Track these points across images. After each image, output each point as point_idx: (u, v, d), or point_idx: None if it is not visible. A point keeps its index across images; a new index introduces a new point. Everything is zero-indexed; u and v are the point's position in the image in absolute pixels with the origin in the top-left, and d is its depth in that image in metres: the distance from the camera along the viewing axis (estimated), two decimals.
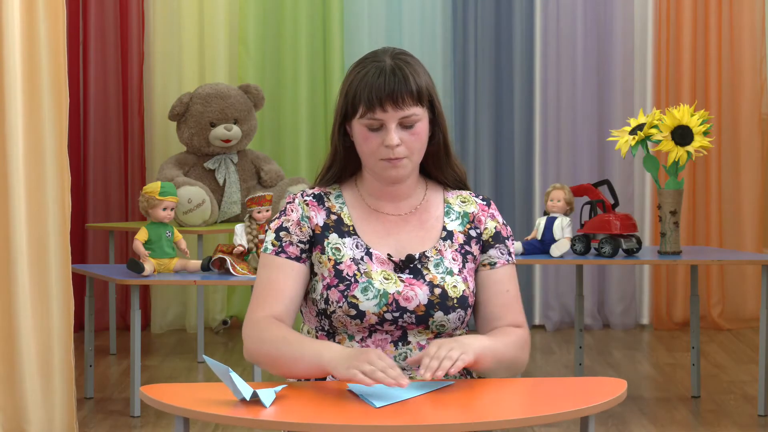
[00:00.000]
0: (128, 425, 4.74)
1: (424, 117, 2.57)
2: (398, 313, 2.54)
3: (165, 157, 6.54)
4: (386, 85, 2.52)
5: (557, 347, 6.27)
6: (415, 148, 2.56)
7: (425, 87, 2.57)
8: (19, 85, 4.23)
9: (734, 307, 6.81)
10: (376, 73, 2.54)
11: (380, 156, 2.55)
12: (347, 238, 2.60)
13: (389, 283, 2.56)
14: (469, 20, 6.71)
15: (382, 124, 2.53)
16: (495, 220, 2.66)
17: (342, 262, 2.57)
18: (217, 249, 4.77)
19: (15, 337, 4.23)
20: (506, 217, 6.62)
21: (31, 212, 4.27)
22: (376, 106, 2.52)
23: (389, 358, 2.39)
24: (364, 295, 2.54)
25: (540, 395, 2.45)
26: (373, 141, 2.55)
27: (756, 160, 6.75)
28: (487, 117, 6.73)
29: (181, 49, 6.69)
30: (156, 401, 2.32)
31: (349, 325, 2.55)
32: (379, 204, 2.64)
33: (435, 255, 2.60)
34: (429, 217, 2.64)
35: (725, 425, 4.72)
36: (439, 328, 2.56)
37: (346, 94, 2.58)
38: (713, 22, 6.69)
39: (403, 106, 2.53)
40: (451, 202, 2.67)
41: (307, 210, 2.63)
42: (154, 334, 6.71)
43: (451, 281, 2.57)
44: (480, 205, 2.67)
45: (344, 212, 2.63)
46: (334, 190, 2.67)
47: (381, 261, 2.58)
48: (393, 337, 2.56)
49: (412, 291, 2.55)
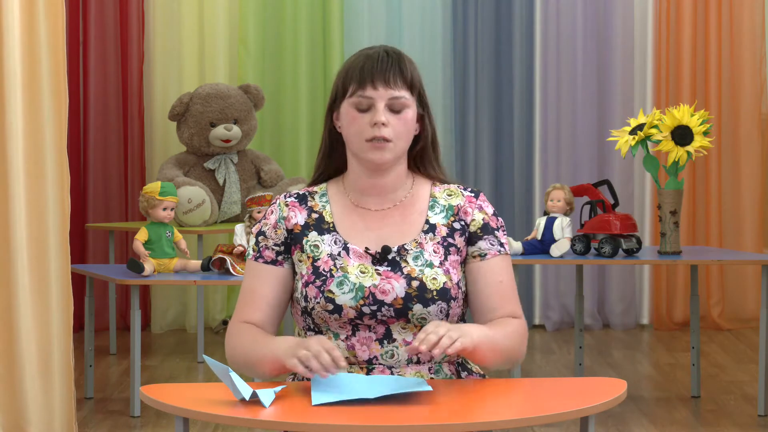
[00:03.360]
0: (128, 425, 4.74)
1: (412, 106, 2.60)
2: (376, 306, 2.54)
3: (165, 157, 6.54)
4: (378, 65, 2.57)
5: (557, 347, 6.27)
6: (401, 133, 2.58)
7: (417, 78, 2.62)
8: (19, 85, 4.23)
9: (734, 307, 6.81)
10: (368, 57, 2.60)
11: (366, 136, 2.57)
12: (326, 235, 2.61)
13: (365, 276, 2.56)
14: (469, 20, 6.71)
15: (372, 104, 2.56)
16: (483, 212, 2.65)
17: (319, 258, 2.59)
18: (217, 249, 4.77)
19: (15, 337, 4.23)
20: (506, 217, 6.62)
21: (31, 212, 4.27)
22: (367, 83, 2.56)
23: (331, 343, 2.39)
24: (340, 289, 2.54)
25: (540, 395, 2.45)
26: (360, 121, 2.57)
27: (756, 160, 6.75)
28: (487, 117, 6.73)
29: (181, 49, 6.69)
30: (156, 401, 2.32)
31: (330, 321, 2.55)
32: (362, 199, 2.65)
33: (415, 248, 2.60)
34: (412, 212, 2.65)
35: (725, 425, 4.72)
36: (421, 321, 2.55)
37: (338, 78, 2.64)
38: (713, 22, 6.69)
39: (394, 87, 2.56)
40: (437, 196, 2.67)
41: (285, 211, 2.65)
42: (154, 334, 6.71)
43: (430, 273, 2.56)
44: (467, 197, 2.67)
45: (326, 210, 2.65)
46: (320, 189, 2.69)
47: (358, 255, 2.58)
48: (378, 335, 2.55)
49: (389, 284, 2.55)
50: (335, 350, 2.36)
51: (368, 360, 2.55)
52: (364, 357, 2.55)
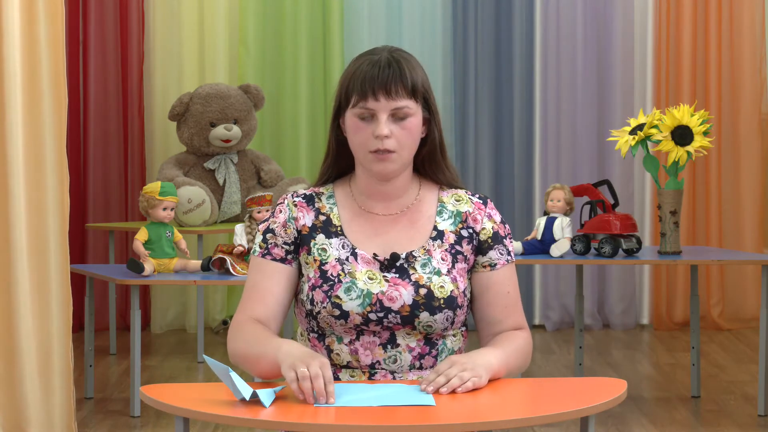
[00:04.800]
0: (128, 425, 4.74)
1: (417, 113, 2.56)
2: (383, 313, 2.52)
3: (165, 157, 6.54)
4: (380, 75, 2.52)
5: (557, 347, 6.27)
6: (405, 143, 2.55)
7: (420, 83, 2.56)
8: (19, 85, 4.23)
9: (734, 307, 6.81)
10: (371, 65, 2.54)
11: (370, 148, 2.53)
12: (334, 239, 2.59)
13: (373, 283, 2.54)
14: (469, 20, 6.71)
15: (374, 114, 2.52)
16: (492, 220, 2.64)
17: (327, 262, 2.57)
18: (217, 249, 4.77)
19: (15, 337, 4.23)
20: (506, 217, 6.62)
21: (30, 212, 4.27)
22: (369, 94, 2.51)
23: (330, 373, 2.31)
24: (348, 295, 2.53)
25: (540, 395, 2.45)
26: (363, 132, 2.54)
27: (756, 160, 6.75)
28: (487, 117, 6.73)
29: (181, 49, 6.69)
30: (156, 401, 2.32)
31: (335, 326, 2.54)
32: (369, 204, 2.63)
33: (423, 255, 2.58)
34: (420, 217, 2.63)
35: (725, 425, 4.72)
36: (427, 329, 2.54)
37: (340, 86, 2.59)
38: (713, 22, 6.69)
39: (396, 97, 2.52)
40: (445, 201, 2.65)
41: (294, 211, 2.62)
42: (154, 334, 6.71)
43: (438, 281, 2.55)
44: (476, 204, 2.64)
45: (333, 212, 2.62)
46: (326, 190, 2.66)
47: (366, 261, 2.57)
48: (381, 339, 2.54)
49: (397, 291, 2.53)
50: (332, 384, 2.30)
51: (371, 365, 2.54)
52: (367, 361, 2.54)
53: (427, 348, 2.56)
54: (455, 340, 2.60)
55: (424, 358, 2.56)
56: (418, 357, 2.55)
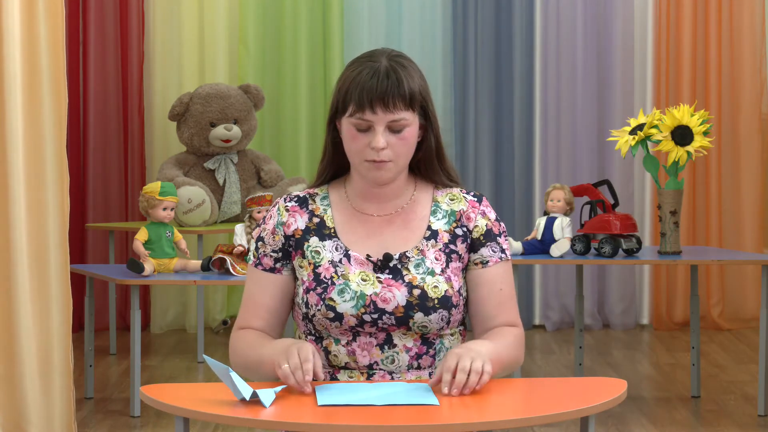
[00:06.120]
0: (128, 425, 4.74)
1: (414, 122, 2.55)
2: (377, 314, 2.52)
3: (165, 157, 6.54)
4: (378, 87, 2.50)
5: (557, 347, 6.27)
6: (401, 153, 2.54)
7: (418, 91, 2.54)
8: (19, 85, 4.23)
9: (734, 307, 6.81)
10: (369, 74, 2.52)
11: (365, 157, 2.53)
12: (327, 241, 2.59)
13: (367, 284, 2.54)
14: (469, 20, 6.71)
15: (371, 125, 2.51)
16: (486, 217, 2.63)
17: (320, 265, 2.57)
18: (217, 249, 4.77)
19: (15, 337, 4.23)
20: (506, 217, 6.62)
21: (30, 212, 4.27)
22: (366, 106, 2.50)
23: (311, 354, 2.39)
24: (341, 297, 2.53)
25: (540, 395, 2.45)
26: (359, 141, 2.53)
27: (756, 160, 6.74)
28: (487, 117, 6.73)
29: (181, 49, 6.69)
30: (156, 401, 2.32)
31: (331, 328, 2.54)
32: (364, 205, 2.62)
33: (416, 255, 2.57)
34: (414, 217, 2.62)
35: (725, 425, 4.72)
36: (422, 329, 2.54)
37: (338, 90, 2.57)
38: (713, 22, 6.69)
39: (393, 110, 2.51)
40: (439, 201, 2.64)
41: (284, 216, 2.62)
42: (154, 334, 6.71)
43: (431, 282, 2.55)
44: (470, 202, 2.64)
45: (327, 214, 2.62)
46: (321, 191, 2.66)
47: (360, 262, 2.57)
48: (378, 340, 2.54)
49: (390, 292, 2.53)
50: (309, 363, 2.37)
51: (369, 365, 2.54)
52: (365, 362, 2.54)
53: (424, 348, 2.56)
54: (453, 340, 2.59)
55: (422, 358, 2.55)
56: (416, 357, 2.55)
